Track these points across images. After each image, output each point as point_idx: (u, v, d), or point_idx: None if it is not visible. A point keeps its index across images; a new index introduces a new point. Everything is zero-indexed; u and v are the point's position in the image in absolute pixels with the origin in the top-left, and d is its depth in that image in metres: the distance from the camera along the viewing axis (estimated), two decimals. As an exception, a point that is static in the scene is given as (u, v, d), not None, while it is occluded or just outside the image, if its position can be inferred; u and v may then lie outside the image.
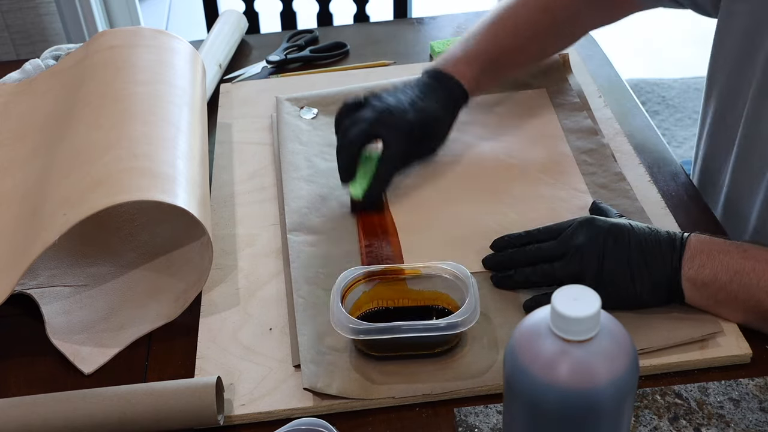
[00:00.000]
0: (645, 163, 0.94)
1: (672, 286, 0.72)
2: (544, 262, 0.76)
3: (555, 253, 0.75)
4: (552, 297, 0.49)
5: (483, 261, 0.80)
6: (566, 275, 0.74)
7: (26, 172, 0.86)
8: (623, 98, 1.07)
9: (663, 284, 0.72)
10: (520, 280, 0.77)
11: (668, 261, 0.72)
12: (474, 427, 0.67)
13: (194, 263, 0.81)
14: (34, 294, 0.80)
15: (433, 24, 1.29)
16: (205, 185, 0.84)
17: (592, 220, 0.75)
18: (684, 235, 0.73)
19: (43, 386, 0.73)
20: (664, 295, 0.73)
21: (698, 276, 0.71)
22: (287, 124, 1.01)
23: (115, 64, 0.92)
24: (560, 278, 0.74)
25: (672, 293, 0.73)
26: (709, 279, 0.71)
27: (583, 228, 0.75)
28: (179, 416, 0.67)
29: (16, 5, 2.00)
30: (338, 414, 0.69)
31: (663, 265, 0.72)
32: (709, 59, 0.91)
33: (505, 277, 0.78)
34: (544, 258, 0.76)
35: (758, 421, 0.67)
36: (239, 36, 1.23)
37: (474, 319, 0.70)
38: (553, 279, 0.75)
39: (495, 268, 0.80)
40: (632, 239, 0.73)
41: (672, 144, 2.28)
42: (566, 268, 0.74)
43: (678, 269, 0.72)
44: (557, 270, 0.74)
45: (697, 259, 0.71)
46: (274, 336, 0.76)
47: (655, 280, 0.72)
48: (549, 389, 0.49)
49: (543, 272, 0.75)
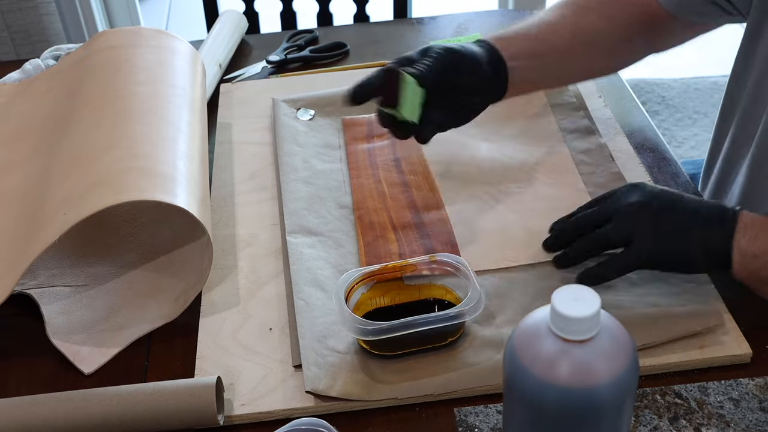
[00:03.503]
0: (645, 163, 0.94)
1: (723, 254, 0.72)
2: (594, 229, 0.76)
3: (605, 216, 0.75)
4: (552, 297, 0.49)
5: (543, 244, 0.81)
6: (619, 236, 0.74)
7: (26, 172, 0.86)
8: (623, 98, 1.07)
9: (715, 250, 0.72)
10: (575, 255, 0.77)
11: (722, 228, 0.72)
12: (474, 427, 0.67)
13: (194, 263, 0.81)
14: (34, 294, 0.80)
15: (433, 24, 1.29)
16: (205, 185, 0.84)
17: (642, 183, 0.75)
18: (735, 208, 0.74)
19: (43, 386, 0.73)
20: (715, 262, 0.73)
21: (749, 248, 0.71)
22: (284, 125, 1.01)
23: (115, 64, 0.92)
24: (614, 240, 0.74)
25: (722, 261, 0.73)
26: (760, 251, 0.71)
27: (634, 189, 0.75)
28: (179, 416, 0.67)
29: (16, 5, 2.00)
30: (338, 414, 0.69)
31: (718, 231, 0.72)
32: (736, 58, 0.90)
33: (562, 256, 0.78)
34: (595, 223, 0.76)
35: (758, 421, 0.67)
36: (239, 36, 1.23)
37: (482, 306, 0.70)
38: (606, 243, 0.75)
39: (552, 247, 0.80)
40: (686, 203, 0.73)
41: (672, 144, 2.28)
42: (619, 229, 0.74)
43: (731, 237, 0.72)
44: (610, 232, 0.74)
45: (749, 231, 0.72)
46: (274, 336, 0.76)
47: (709, 245, 0.72)
48: (549, 389, 0.50)
49: (595, 238, 0.75)
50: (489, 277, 0.80)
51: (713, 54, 2.59)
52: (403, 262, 0.76)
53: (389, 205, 0.89)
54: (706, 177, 0.98)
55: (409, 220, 0.87)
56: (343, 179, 0.94)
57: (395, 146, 0.98)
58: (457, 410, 0.69)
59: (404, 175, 0.94)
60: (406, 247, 0.84)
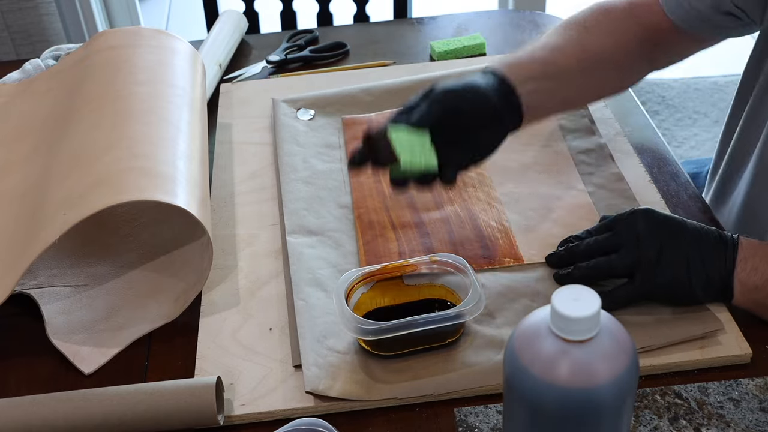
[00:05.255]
0: (645, 163, 0.94)
1: (724, 285, 0.73)
2: (601, 256, 0.76)
3: (612, 244, 0.75)
4: (552, 297, 0.49)
5: (546, 258, 0.81)
6: (623, 266, 0.74)
7: (26, 172, 0.86)
8: (623, 98, 1.07)
9: (716, 282, 0.73)
10: (578, 276, 0.77)
11: (722, 260, 0.72)
12: (474, 427, 0.67)
13: (194, 263, 0.81)
14: (34, 294, 0.80)
15: (433, 24, 1.29)
16: (205, 185, 0.84)
17: (649, 210, 0.75)
18: (733, 236, 0.74)
19: (43, 386, 0.73)
20: (715, 293, 0.73)
21: (750, 279, 0.72)
22: (284, 125, 1.01)
23: (115, 64, 0.92)
24: (617, 269, 0.74)
25: (723, 292, 0.73)
26: (760, 283, 0.72)
27: (640, 218, 0.75)
28: (179, 416, 0.67)
29: (16, 5, 2.00)
30: (338, 414, 0.69)
31: (718, 263, 0.72)
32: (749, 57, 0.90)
33: (564, 275, 0.78)
34: (601, 250, 0.76)
35: (758, 421, 0.67)
36: (239, 36, 1.23)
37: (482, 305, 0.70)
38: (610, 271, 0.75)
39: (556, 265, 0.80)
40: (688, 233, 0.73)
41: (672, 144, 2.28)
42: (623, 259, 0.74)
43: (731, 270, 0.72)
44: (614, 261, 0.74)
45: (750, 262, 0.72)
46: (274, 336, 0.76)
47: (710, 276, 0.72)
48: (549, 389, 0.49)
49: (599, 266, 0.75)
50: (489, 277, 0.80)
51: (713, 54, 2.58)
52: (403, 262, 0.76)
53: (389, 204, 0.89)
54: (713, 173, 0.98)
55: (409, 220, 0.87)
56: (343, 179, 0.94)
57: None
58: (457, 410, 0.69)
59: (404, 175, 0.94)
60: (405, 246, 0.84)
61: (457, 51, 1.17)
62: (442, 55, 1.17)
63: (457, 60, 1.17)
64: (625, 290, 0.74)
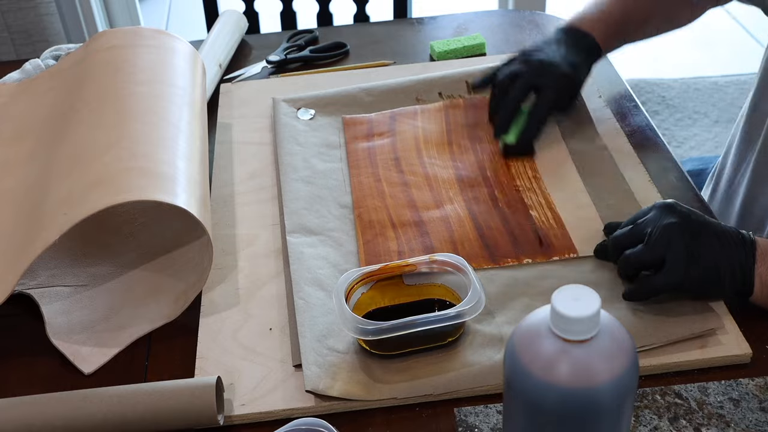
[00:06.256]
0: (645, 163, 0.94)
1: (744, 281, 0.73)
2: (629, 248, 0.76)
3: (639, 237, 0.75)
4: (552, 297, 0.49)
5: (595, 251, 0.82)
6: (653, 258, 0.74)
7: (26, 172, 0.86)
8: (623, 98, 1.07)
9: (739, 276, 0.73)
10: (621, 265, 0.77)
11: (744, 255, 0.73)
12: (474, 427, 0.67)
13: (194, 263, 0.81)
14: (34, 294, 0.80)
15: (433, 24, 1.29)
16: (205, 185, 0.84)
17: (674, 204, 0.76)
18: (750, 234, 0.74)
19: (43, 386, 0.73)
20: (739, 288, 0.73)
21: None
22: (284, 125, 1.01)
23: (115, 64, 0.92)
24: (648, 261, 0.74)
25: (745, 288, 0.73)
26: None
27: (666, 211, 0.75)
28: (179, 416, 0.67)
29: (16, 5, 2.00)
30: (338, 414, 0.69)
31: (743, 258, 0.73)
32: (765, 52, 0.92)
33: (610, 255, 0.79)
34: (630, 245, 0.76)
35: (758, 421, 0.67)
36: (239, 36, 1.23)
37: (482, 305, 0.70)
38: (641, 263, 0.75)
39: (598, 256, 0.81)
40: (713, 227, 0.74)
41: (672, 144, 2.28)
42: (653, 251, 0.74)
43: (752, 266, 0.72)
44: (643, 254, 0.74)
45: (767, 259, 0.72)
46: (274, 336, 0.76)
47: (736, 272, 0.73)
48: (549, 389, 0.49)
49: (626, 259, 0.75)
50: (489, 277, 0.80)
51: (713, 54, 2.59)
52: (403, 262, 0.76)
53: (389, 203, 0.89)
54: (720, 171, 0.98)
55: (409, 219, 0.87)
56: (343, 178, 0.94)
57: (395, 145, 0.98)
58: (457, 410, 0.69)
59: (404, 174, 0.94)
60: (405, 245, 0.84)
61: (457, 51, 1.17)
62: (442, 55, 1.17)
63: (457, 60, 1.17)
64: (652, 282, 0.74)
